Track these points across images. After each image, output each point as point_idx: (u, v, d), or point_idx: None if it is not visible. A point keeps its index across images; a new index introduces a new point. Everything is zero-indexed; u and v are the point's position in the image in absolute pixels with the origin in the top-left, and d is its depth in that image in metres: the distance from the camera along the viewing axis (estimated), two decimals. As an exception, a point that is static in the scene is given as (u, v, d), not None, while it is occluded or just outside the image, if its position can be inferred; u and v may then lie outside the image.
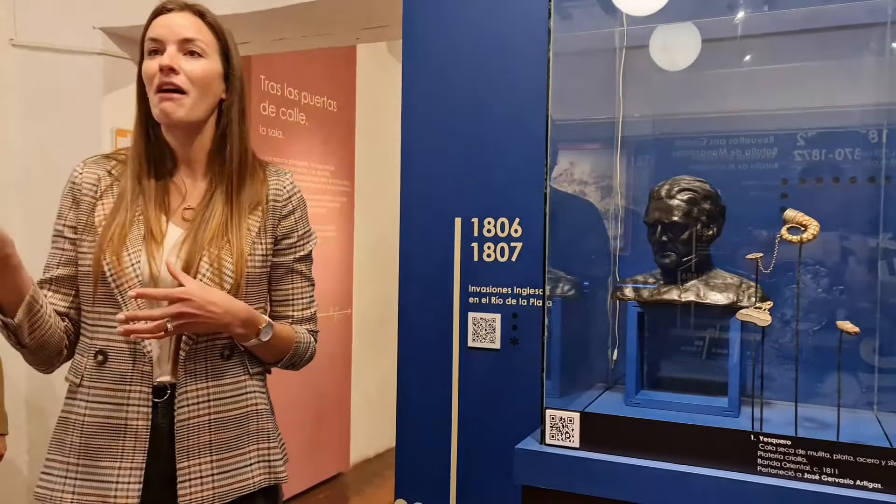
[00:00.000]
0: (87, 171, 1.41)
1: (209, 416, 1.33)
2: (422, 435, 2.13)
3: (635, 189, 1.97)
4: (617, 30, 1.92)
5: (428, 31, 2.13)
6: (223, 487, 1.33)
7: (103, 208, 1.36)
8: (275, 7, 2.57)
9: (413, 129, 2.15)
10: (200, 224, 1.35)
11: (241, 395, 1.39)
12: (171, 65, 1.30)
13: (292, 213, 1.45)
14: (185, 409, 1.31)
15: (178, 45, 1.32)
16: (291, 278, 1.48)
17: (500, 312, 2.04)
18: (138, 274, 1.30)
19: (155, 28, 1.34)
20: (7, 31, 2.89)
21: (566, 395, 1.76)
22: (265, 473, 1.40)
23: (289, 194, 1.45)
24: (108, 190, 1.38)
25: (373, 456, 4.89)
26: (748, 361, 1.59)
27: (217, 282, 1.32)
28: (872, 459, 1.29)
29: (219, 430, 1.34)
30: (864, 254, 1.71)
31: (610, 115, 1.94)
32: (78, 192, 1.40)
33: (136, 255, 1.31)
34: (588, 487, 1.48)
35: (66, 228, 1.39)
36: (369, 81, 4.62)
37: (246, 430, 1.38)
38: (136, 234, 1.32)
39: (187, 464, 1.30)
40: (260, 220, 1.40)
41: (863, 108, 1.76)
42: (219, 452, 1.34)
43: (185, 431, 1.31)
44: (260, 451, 1.40)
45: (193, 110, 1.33)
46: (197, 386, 1.33)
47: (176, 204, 1.38)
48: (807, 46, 1.85)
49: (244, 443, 1.38)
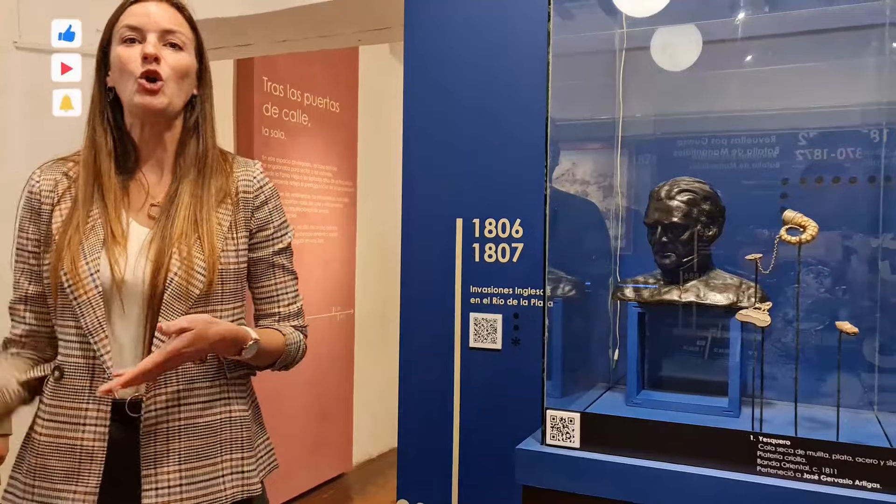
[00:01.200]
0: (44, 177, 1.35)
1: (179, 422, 1.25)
2: (424, 435, 2.14)
3: (636, 189, 1.97)
4: (617, 31, 1.93)
5: (429, 32, 2.14)
6: (191, 499, 1.24)
7: (60, 214, 1.29)
8: (277, 9, 2.58)
9: (414, 129, 2.16)
10: (167, 221, 1.27)
11: (215, 401, 1.30)
12: (157, 53, 1.24)
13: (265, 203, 1.38)
14: (152, 414, 1.23)
15: (159, 35, 1.27)
16: (273, 273, 1.40)
17: (501, 313, 2.05)
18: (97, 283, 1.23)
19: (133, 16, 1.28)
20: (10, 34, 2.90)
21: (567, 396, 1.76)
22: (238, 486, 1.30)
23: (259, 184, 1.38)
24: (66, 194, 1.30)
25: (375, 456, 4.90)
26: (749, 362, 1.59)
27: (187, 281, 1.25)
28: (871, 459, 1.30)
29: (188, 437, 1.26)
30: (864, 253, 1.71)
31: (611, 115, 1.95)
32: (36, 201, 1.33)
33: (95, 262, 1.23)
34: (589, 487, 1.48)
35: (29, 242, 1.32)
36: (371, 83, 4.63)
37: (218, 439, 1.29)
38: (95, 238, 1.25)
39: (154, 471, 1.23)
40: (230, 214, 1.33)
41: (863, 108, 1.76)
42: (188, 461, 1.25)
43: (150, 437, 1.23)
44: (233, 461, 1.30)
45: (173, 101, 1.29)
46: (167, 390, 1.25)
47: (140, 202, 1.31)
48: (807, 47, 1.86)
49: (216, 452, 1.28)
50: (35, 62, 2.87)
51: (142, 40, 1.26)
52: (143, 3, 1.29)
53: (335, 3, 2.49)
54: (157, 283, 1.24)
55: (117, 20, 1.30)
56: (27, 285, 1.32)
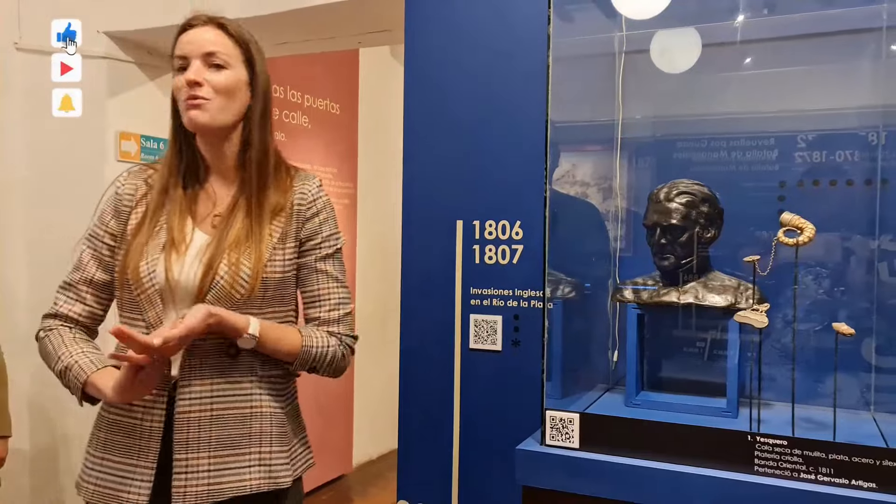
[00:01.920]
0: (128, 181, 1.47)
1: (210, 412, 1.35)
2: (424, 436, 2.15)
3: (636, 191, 1.98)
4: (617, 34, 1.94)
5: (430, 34, 2.15)
6: (218, 484, 1.34)
7: (135, 217, 1.42)
8: (278, 11, 2.59)
9: (415, 131, 2.17)
10: (224, 231, 1.39)
11: (245, 395, 1.39)
12: (196, 79, 1.36)
13: (316, 215, 1.46)
14: (185, 403, 1.34)
15: (202, 59, 1.37)
16: (316, 278, 1.46)
17: (501, 314, 2.06)
18: (154, 283, 1.35)
19: (180, 45, 1.40)
20: (11, 35, 2.91)
21: (567, 396, 1.77)
22: (264, 477, 1.38)
23: (313, 198, 1.47)
24: (142, 199, 1.44)
25: (376, 457, 4.90)
26: (747, 363, 1.60)
27: (230, 285, 1.35)
28: (867, 459, 1.31)
29: (219, 427, 1.36)
30: (861, 255, 1.72)
31: (611, 117, 1.96)
32: (119, 202, 1.45)
33: (153, 263, 1.36)
34: (588, 487, 1.49)
35: (106, 234, 1.45)
36: (372, 84, 4.63)
37: (248, 431, 1.38)
38: (156, 243, 1.38)
39: (185, 457, 1.33)
40: (283, 226, 1.43)
41: (860, 111, 1.77)
42: (217, 449, 1.35)
43: (184, 425, 1.33)
44: (262, 453, 1.39)
45: (218, 116, 1.38)
46: (201, 381, 1.35)
47: (206, 211, 1.43)
48: (805, 50, 1.87)
49: (244, 443, 1.37)
50: (35, 63, 2.88)
51: (188, 67, 1.38)
52: (188, 31, 1.41)
53: (336, 6, 2.50)
54: (205, 286, 1.35)
55: (174, 50, 1.42)
56: (94, 270, 1.44)
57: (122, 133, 2.94)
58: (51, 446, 2.99)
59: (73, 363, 1.38)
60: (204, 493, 1.33)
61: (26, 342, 2.91)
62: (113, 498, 1.36)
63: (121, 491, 1.35)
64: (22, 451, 2.92)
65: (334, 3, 2.48)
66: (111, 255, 1.43)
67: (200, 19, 1.41)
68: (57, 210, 2.92)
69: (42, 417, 2.97)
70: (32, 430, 2.96)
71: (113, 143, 2.92)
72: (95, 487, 1.38)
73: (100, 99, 2.90)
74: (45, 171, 2.93)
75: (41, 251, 2.91)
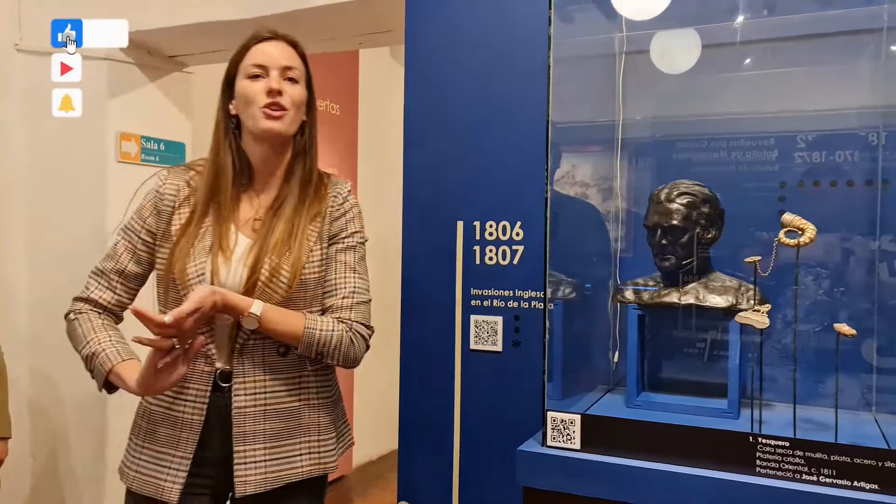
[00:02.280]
0: (170, 181, 1.53)
1: (264, 407, 1.46)
2: (424, 437, 2.15)
3: (636, 191, 1.98)
4: (617, 35, 1.94)
5: (430, 35, 2.15)
6: (274, 473, 1.46)
7: (179, 219, 1.49)
8: (278, 12, 2.59)
9: (415, 132, 2.17)
10: (267, 234, 1.48)
11: (296, 390, 1.50)
12: (280, 88, 1.46)
13: (344, 215, 1.56)
14: (241, 398, 1.45)
15: (280, 71, 1.48)
16: (335, 268, 1.54)
17: (501, 315, 2.06)
18: (201, 283, 1.42)
19: (257, 55, 1.49)
20: (12, 36, 2.91)
21: (568, 397, 1.77)
22: (314, 463, 1.51)
23: (342, 200, 1.57)
24: (186, 201, 1.50)
25: (376, 458, 4.91)
26: (748, 363, 1.60)
27: (272, 286, 1.45)
28: (870, 460, 1.30)
29: (273, 419, 1.47)
30: (862, 256, 1.72)
31: (611, 118, 1.96)
32: (160, 201, 1.51)
33: (201, 265, 1.44)
34: (589, 489, 1.49)
35: (144, 229, 1.51)
36: (372, 85, 4.64)
37: (298, 423, 1.50)
38: (203, 245, 1.46)
39: (243, 448, 1.44)
40: (319, 228, 1.53)
41: (860, 111, 1.77)
42: (272, 441, 1.46)
43: (241, 418, 1.44)
44: (311, 443, 1.51)
45: (290, 126, 1.50)
46: (254, 378, 1.46)
47: (248, 215, 1.52)
48: (805, 51, 1.87)
49: (296, 434, 1.49)
50: (35, 63, 2.88)
51: (265, 76, 1.47)
52: (266, 43, 1.51)
53: (336, 7, 2.50)
54: (249, 287, 1.44)
55: (242, 58, 1.51)
56: (127, 262, 1.52)
57: (123, 134, 2.94)
58: (50, 447, 2.99)
59: (101, 350, 1.44)
60: (262, 481, 1.44)
61: (26, 342, 2.94)
62: (151, 485, 1.45)
63: (158, 478, 1.45)
64: (22, 452, 2.92)
65: (335, 4, 2.48)
66: (146, 249, 1.51)
67: (272, 32, 1.52)
68: (57, 210, 2.92)
69: (42, 418, 2.97)
70: (32, 430, 2.96)
71: (113, 143, 2.92)
72: (136, 474, 1.48)
73: (100, 99, 2.90)
74: (44, 172, 2.93)
75: (41, 251, 2.91)
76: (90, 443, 2.94)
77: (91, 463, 2.94)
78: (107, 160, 2.90)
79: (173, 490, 1.43)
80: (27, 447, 2.95)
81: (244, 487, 1.43)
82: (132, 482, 1.49)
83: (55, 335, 2.91)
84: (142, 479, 1.47)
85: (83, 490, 2.96)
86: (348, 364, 1.52)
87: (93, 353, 1.45)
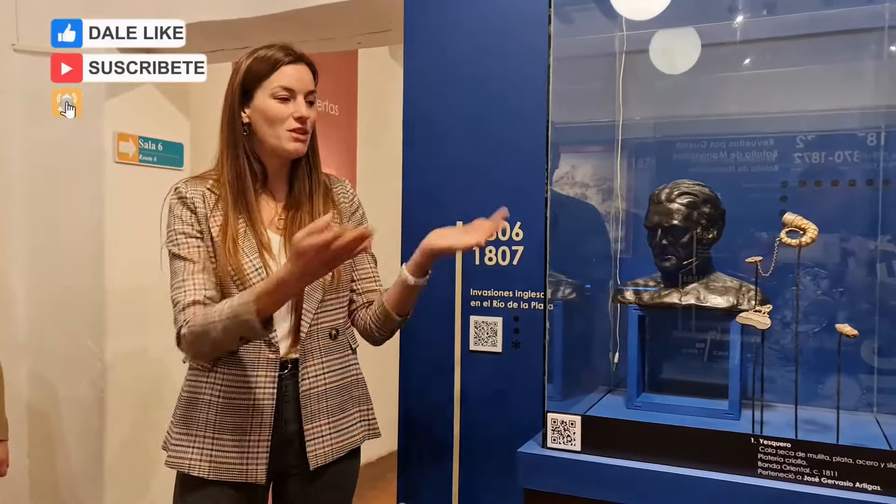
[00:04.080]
0: (191, 188, 1.59)
1: (325, 386, 1.60)
2: (424, 438, 2.14)
3: (636, 192, 1.98)
4: (617, 35, 1.94)
5: (429, 35, 2.14)
6: (338, 444, 1.62)
7: (216, 221, 1.56)
8: (276, 12, 2.58)
9: (414, 132, 2.17)
10: (293, 230, 1.56)
11: (347, 368, 1.66)
12: (306, 115, 1.58)
13: (357, 210, 1.73)
14: (307, 382, 1.58)
15: (304, 96, 1.59)
16: (366, 259, 1.72)
17: (501, 316, 2.05)
18: (262, 277, 1.50)
19: (287, 78, 1.56)
20: (9, 37, 2.90)
21: (568, 399, 1.76)
22: (366, 430, 1.71)
23: (352, 197, 1.74)
24: (216, 206, 1.57)
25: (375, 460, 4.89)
26: (749, 364, 1.59)
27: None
28: (871, 462, 1.30)
29: (332, 397, 1.62)
30: (863, 256, 1.72)
31: (611, 118, 1.95)
32: (191, 203, 1.57)
33: (256, 261, 1.53)
34: (590, 490, 1.49)
35: (192, 228, 1.56)
36: (371, 85, 4.63)
37: (351, 396, 1.66)
38: (249, 243, 1.54)
39: (311, 426, 1.57)
40: (338, 221, 1.66)
41: (861, 112, 1.77)
42: (333, 415, 1.61)
43: (308, 400, 1.57)
44: (361, 412, 1.69)
45: (308, 146, 1.62)
46: (315, 362, 1.59)
47: (270, 215, 1.62)
48: (805, 50, 1.86)
49: (350, 406, 1.66)
50: (34, 64, 2.87)
51: (293, 99, 1.56)
52: (293, 66, 1.58)
53: (334, 6, 2.49)
54: None
55: (268, 76, 1.56)
56: (198, 259, 1.55)
57: (120, 134, 2.93)
58: (49, 449, 2.98)
59: (232, 304, 1.37)
60: (329, 453, 1.59)
61: (25, 345, 2.93)
62: (235, 470, 1.53)
63: (240, 464, 1.53)
64: (20, 458, 2.91)
65: (334, 4, 2.47)
66: (203, 245, 1.56)
67: (295, 53, 1.60)
68: (55, 210, 2.91)
69: (40, 420, 2.96)
70: (30, 433, 2.95)
71: (111, 143, 2.91)
72: (214, 464, 1.54)
73: (98, 100, 2.89)
74: (42, 172, 2.92)
75: (39, 251, 2.90)
76: (88, 445, 2.93)
77: (89, 465, 2.93)
78: (105, 160, 2.89)
79: (258, 471, 1.53)
80: (25, 449, 2.94)
81: (316, 461, 1.57)
82: (209, 472, 1.54)
83: (53, 336, 2.93)
84: (224, 467, 1.53)
85: (81, 492, 2.95)
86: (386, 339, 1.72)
87: (228, 315, 1.36)
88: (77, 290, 2.88)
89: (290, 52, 1.58)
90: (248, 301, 1.34)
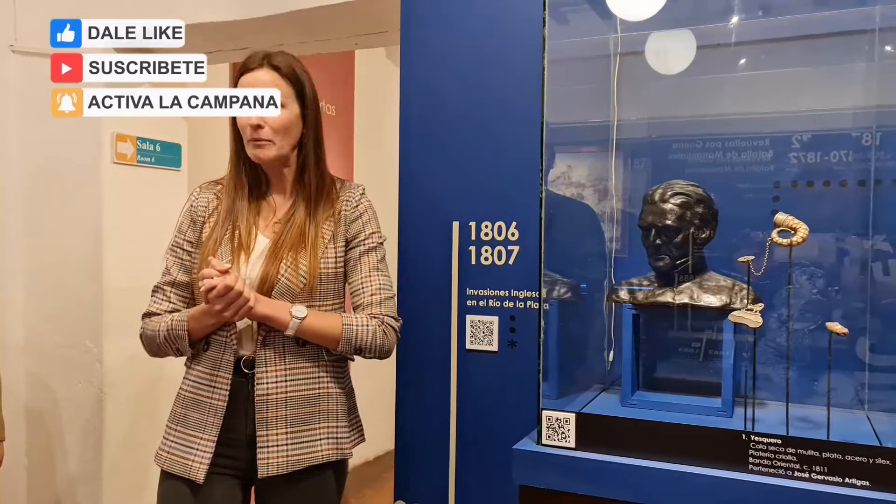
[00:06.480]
0: (201, 195, 1.70)
1: (286, 394, 1.58)
2: (420, 437, 2.15)
3: (631, 192, 1.99)
4: (612, 36, 1.95)
5: (425, 36, 2.15)
6: (295, 456, 1.58)
7: (208, 226, 1.65)
8: (273, 13, 2.59)
9: (411, 133, 2.18)
10: (283, 234, 1.61)
11: (314, 378, 1.62)
12: (259, 122, 1.57)
13: (360, 217, 1.70)
14: (263, 386, 1.57)
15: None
16: (360, 269, 1.68)
17: (497, 315, 2.06)
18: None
19: (241, 87, 1.60)
20: (7, 37, 2.91)
21: (563, 397, 1.78)
22: (333, 448, 1.64)
23: (356, 203, 1.71)
24: (215, 211, 1.66)
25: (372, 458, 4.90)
26: (741, 362, 1.61)
27: (294, 278, 1.58)
28: (860, 458, 1.31)
29: (293, 406, 1.58)
30: (855, 255, 1.73)
31: (606, 118, 1.97)
32: (195, 213, 1.69)
33: (227, 262, 1.57)
34: (584, 487, 1.50)
35: (186, 242, 1.68)
36: (367, 86, 4.64)
37: (317, 409, 1.62)
38: (227, 246, 1.61)
39: (265, 433, 1.56)
40: (332, 229, 1.66)
41: (853, 112, 1.78)
42: (293, 426, 1.58)
43: (263, 405, 1.56)
44: (329, 428, 1.64)
45: (278, 151, 1.62)
46: (276, 367, 1.58)
47: (268, 219, 1.67)
48: (799, 51, 1.88)
49: (316, 420, 1.61)
50: (33, 64, 2.88)
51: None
52: (252, 74, 1.60)
53: (331, 7, 2.50)
54: (267, 281, 1.58)
55: (236, 86, 1.62)
56: (176, 273, 1.68)
57: (118, 135, 2.94)
58: (47, 449, 2.98)
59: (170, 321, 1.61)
60: (283, 464, 1.56)
61: (23, 346, 2.94)
62: (180, 465, 1.58)
63: (187, 459, 1.58)
64: (18, 458, 2.92)
65: (331, 5, 2.48)
66: (190, 259, 1.67)
67: (257, 60, 1.60)
68: (52, 211, 2.92)
69: (38, 420, 2.96)
70: (28, 433, 2.96)
71: (109, 144, 2.91)
72: (168, 455, 1.61)
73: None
74: (40, 173, 2.92)
75: (37, 253, 2.91)
76: (87, 445, 2.93)
77: (87, 465, 2.94)
78: (102, 161, 2.90)
79: (200, 470, 1.56)
80: (23, 449, 2.95)
81: (266, 469, 1.55)
82: (164, 462, 1.61)
83: (51, 336, 2.94)
84: (172, 460, 1.60)
85: (80, 492, 2.96)
86: (383, 355, 1.67)
87: (167, 329, 1.60)
88: (75, 290, 2.89)
89: (254, 59, 1.61)
90: (182, 320, 1.58)
